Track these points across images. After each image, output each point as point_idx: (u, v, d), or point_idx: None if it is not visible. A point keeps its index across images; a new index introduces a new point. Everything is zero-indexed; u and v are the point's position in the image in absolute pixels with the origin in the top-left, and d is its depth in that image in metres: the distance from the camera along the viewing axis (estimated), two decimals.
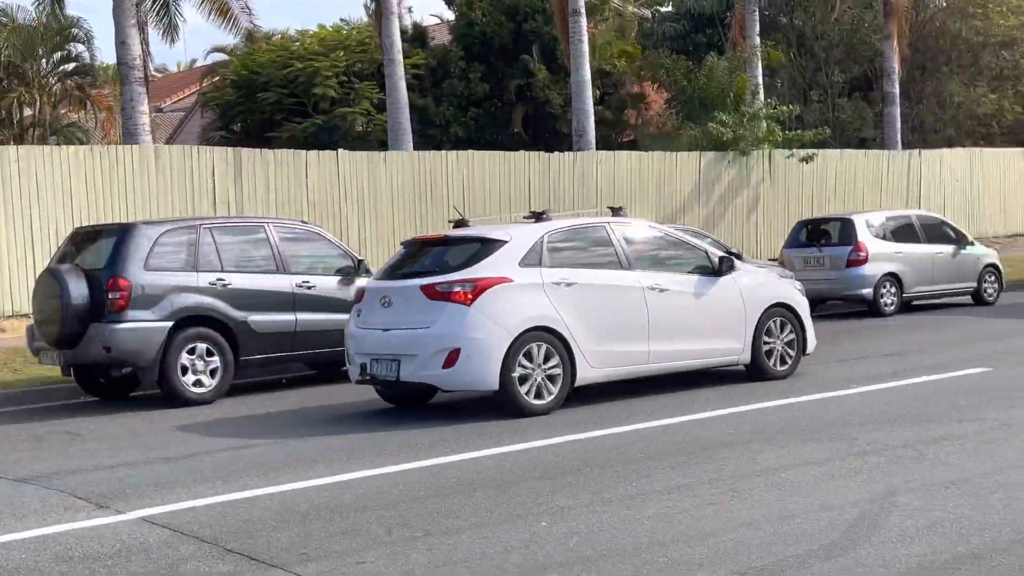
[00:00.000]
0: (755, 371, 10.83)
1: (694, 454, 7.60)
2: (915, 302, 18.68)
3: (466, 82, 28.89)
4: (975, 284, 18.58)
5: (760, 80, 25.44)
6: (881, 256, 17.63)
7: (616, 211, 10.86)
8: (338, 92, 26.27)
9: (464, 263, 9.43)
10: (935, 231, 18.81)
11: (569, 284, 9.60)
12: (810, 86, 32.07)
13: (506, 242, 9.55)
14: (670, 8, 34.15)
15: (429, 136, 27.93)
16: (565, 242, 9.86)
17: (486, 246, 9.53)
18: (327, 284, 12.14)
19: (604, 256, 10.04)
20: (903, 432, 8.06)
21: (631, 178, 21.95)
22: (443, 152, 20.60)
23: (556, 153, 21.49)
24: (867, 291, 17.42)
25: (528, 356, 9.28)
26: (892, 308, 17.59)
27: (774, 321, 10.92)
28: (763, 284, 11.04)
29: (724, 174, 23.39)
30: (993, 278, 18.82)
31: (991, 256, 19.15)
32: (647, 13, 33.34)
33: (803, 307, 11.25)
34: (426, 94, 28.56)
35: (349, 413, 10.10)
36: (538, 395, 9.35)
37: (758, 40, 25.70)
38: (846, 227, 18.10)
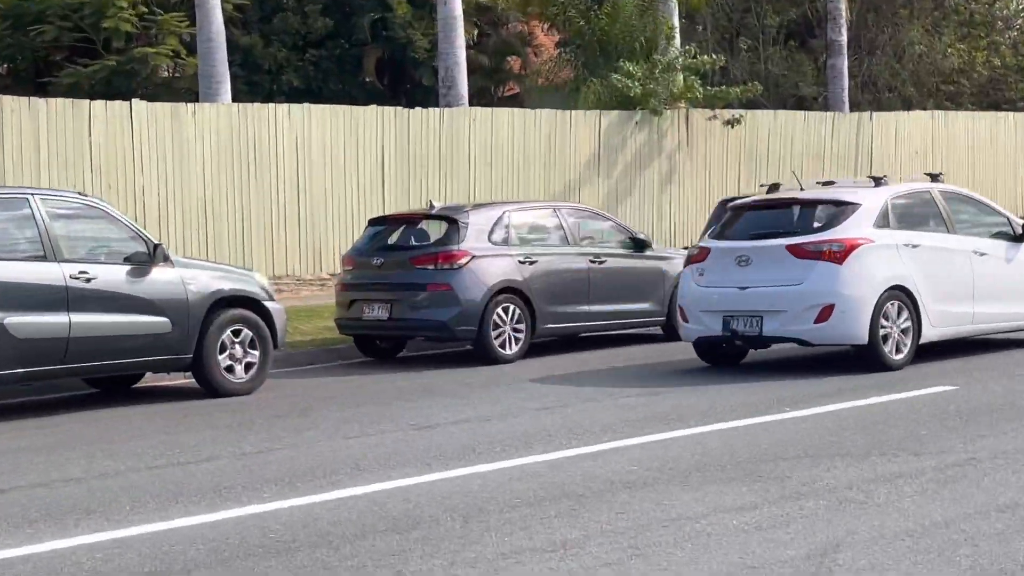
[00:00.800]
0: None
1: (586, 499, 7.53)
2: None
3: (303, 16, 28.49)
4: None
5: (676, 23, 25.66)
6: None
7: (934, 177, 13.94)
8: (136, 26, 25.59)
9: (826, 224, 12.53)
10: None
11: (914, 246, 12.72)
12: (738, 31, 32.52)
13: (860, 205, 12.60)
14: None
15: (256, 84, 27.47)
16: (905, 206, 13.05)
17: (842, 208, 12.60)
18: (112, 275, 11.75)
19: (934, 220, 13.18)
20: (848, 468, 8.12)
21: (513, 142, 21.92)
22: (271, 105, 20.26)
23: (418, 109, 21.33)
24: None
25: (885, 315, 12.36)
26: None
27: None
28: None
29: (631, 139, 23.53)
30: None
31: None
32: None
33: None
34: (251, 30, 28.07)
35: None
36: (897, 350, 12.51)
37: None
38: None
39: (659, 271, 16.05)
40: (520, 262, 14.70)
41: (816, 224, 12.63)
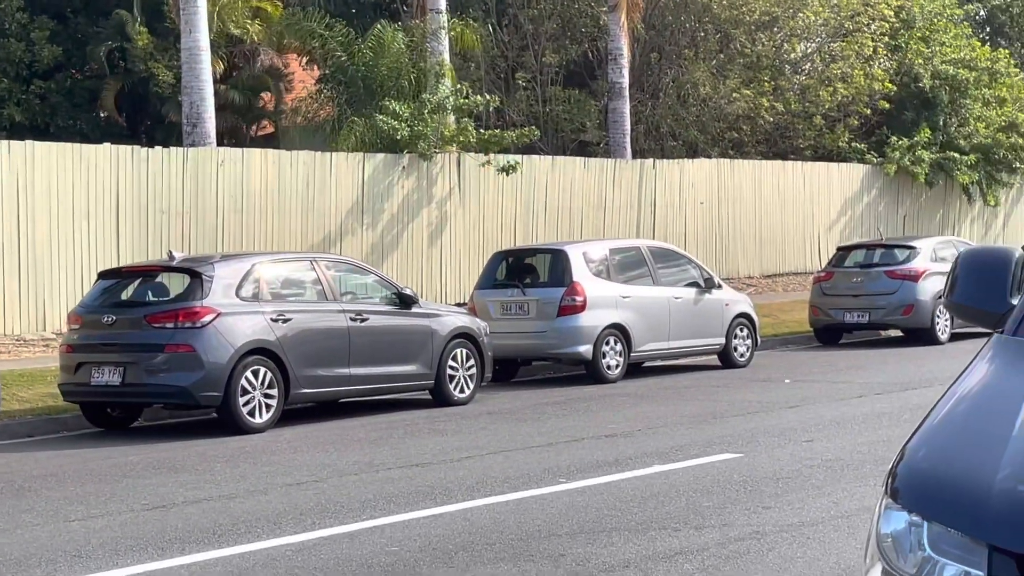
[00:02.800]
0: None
1: None
2: (647, 363, 19.44)
3: (28, 43, 27.71)
4: (723, 340, 19.54)
5: (447, 59, 25.87)
6: (603, 301, 18.22)
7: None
8: None
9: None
10: (672, 269, 19.68)
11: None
12: (514, 69, 32.96)
13: None
14: None
15: None
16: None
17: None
18: None
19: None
20: (626, 544, 8.18)
21: (267, 186, 21.66)
22: None
23: (159, 148, 20.91)
24: (585, 348, 17.93)
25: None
26: (617, 371, 18.19)
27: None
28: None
29: (398, 185, 23.54)
30: (745, 332, 19.88)
31: (743, 303, 20.26)
32: None
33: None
34: None
35: None
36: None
37: (444, 4, 26.13)
38: (558, 262, 18.60)
39: (427, 330, 16.04)
40: (272, 320, 14.47)
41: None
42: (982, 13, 54.52)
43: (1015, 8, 55.69)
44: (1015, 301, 4.21)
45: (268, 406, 14.27)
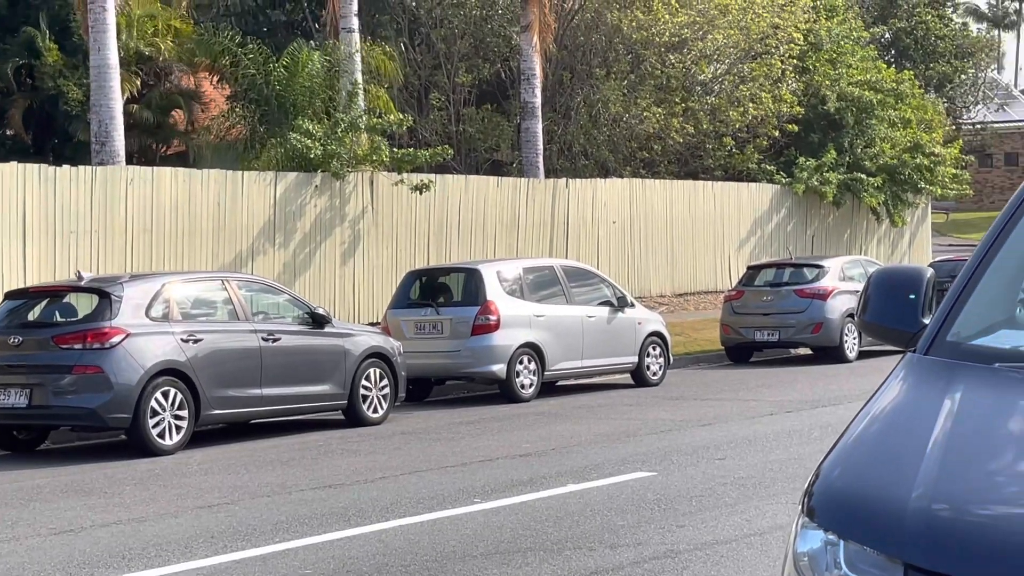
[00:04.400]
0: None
1: None
2: (560, 382, 19.45)
3: None
4: (636, 358, 19.59)
5: (360, 78, 25.77)
6: (517, 320, 18.20)
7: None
8: None
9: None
10: (586, 288, 19.72)
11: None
12: (427, 89, 32.94)
13: None
14: None
15: None
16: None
17: None
18: None
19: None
20: (542, 564, 8.15)
21: (177, 205, 21.41)
22: None
23: (67, 167, 20.58)
24: (499, 367, 17.89)
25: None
26: (531, 390, 18.18)
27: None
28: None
29: (310, 204, 23.39)
30: (658, 350, 19.96)
31: (655, 322, 20.34)
32: None
33: None
34: None
35: None
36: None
37: (356, 24, 26.04)
38: (471, 281, 18.57)
39: (340, 350, 15.92)
40: (183, 340, 14.28)
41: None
42: (887, 36, 55.43)
43: (919, 31, 56.69)
44: (927, 320, 4.23)
45: (178, 428, 14.07)
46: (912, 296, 4.30)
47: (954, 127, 53.34)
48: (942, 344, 4.10)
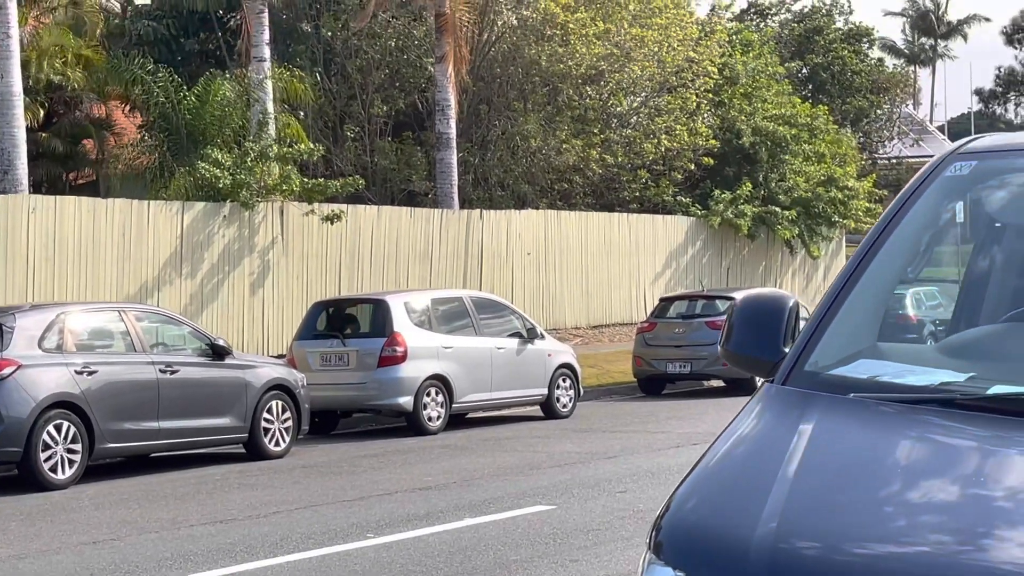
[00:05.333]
0: None
1: None
2: (469, 414, 19.28)
3: None
4: (546, 390, 19.47)
5: (271, 107, 25.54)
6: (424, 352, 18.01)
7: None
8: None
9: None
10: (496, 319, 19.58)
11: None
12: (342, 119, 32.73)
13: None
14: (149, 1, 33.67)
15: None
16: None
17: None
18: None
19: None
20: None
21: (80, 234, 21.05)
22: None
23: None
24: (406, 400, 17.70)
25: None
26: (439, 423, 17.99)
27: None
28: None
29: (218, 234, 23.09)
30: (568, 382, 19.85)
31: (565, 354, 20.22)
32: (116, 5, 32.67)
33: None
34: None
35: None
36: None
37: (268, 53, 25.83)
38: (379, 312, 18.38)
39: (241, 382, 15.66)
40: (77, 372, 13.97)
41: None
42: (804, 71, 55.95)
43: (836, 66, 57.28)
44: (788, 349, 4.11)
45: (71, 461, 13.74)
46: (774, 324, 4.17)
47: (870, 161, 53.84)
48: (799, 374, 3.97)
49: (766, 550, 3.28)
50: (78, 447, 13.81)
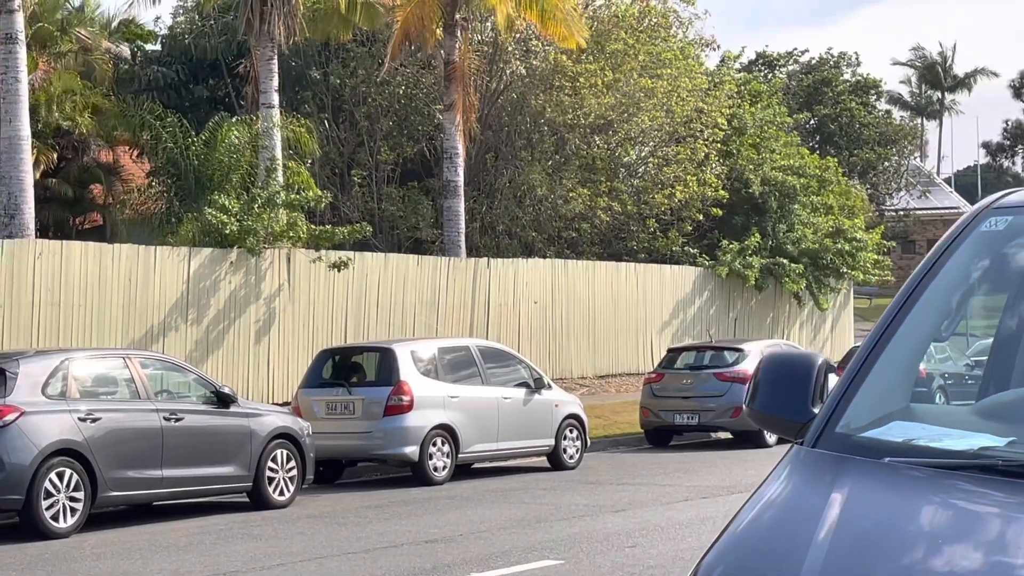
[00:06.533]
0: None
1: None
2: (475, 465, 19.06)
3: None
4: (552, 441, 19.27)
5: (279, 154, 25.48)
6: (431, 401, 17.84)
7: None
8: None
9: None
10: (502, 369, 19.40)
11: None
12: (349, 166, 32.70)
13: None
14: (159, 47, 33.72)
15: None
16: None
17: None
18: None
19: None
20: None
21: (87, 280, 20.95)
22: None
23: None
24: (411, 449, 17.50)
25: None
26: (444, 473, 17.78)
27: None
28: None
29: (224, 280, 22.98)
30: (575, 433, 19.64)
31: (572, 404, 20.03)
32: (126, 51, 32.71)
33: None
34: None
35: None
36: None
37: (276, 99, 25.80)
38: (386, 360, 18.21)
39: (246, 430, 15.48)
40: (80, 419, 13.79)
41: None
42: (813, 122, 55.98)
43: (844, 118, 57.33)
44: (817, 410, 3.96)
45: (73, 510, 13.54)
46: (802, 384, 4.02)
47: (877, 213, 53.83)
48: (830, 436, 3.82)
49: None
50: (80, 495, 13.62)
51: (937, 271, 4.12)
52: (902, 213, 64.29)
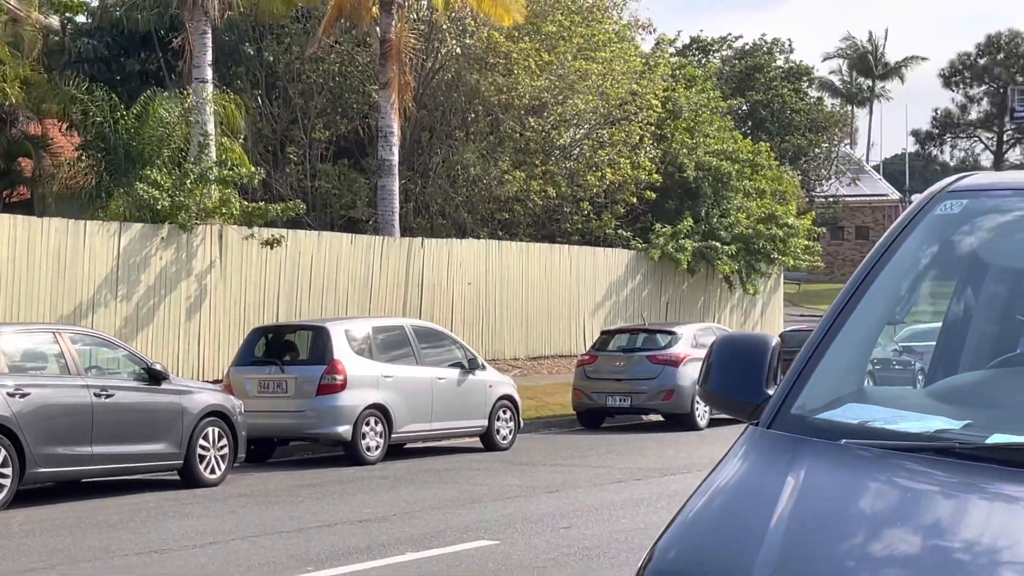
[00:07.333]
0: None
1: None
2: (408, 444, 19.01)
3: None
4: (486, 422, 19.25)
5: (211, 129, 25.22)
6: (364, 381, 17.76)
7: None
8: None
9: None
10: (436, 349, 19.35)
11: None
12: (283, 143, 32.45)
13: None
14: (89, 20, 33.23)
15: None
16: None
17: None
18: None
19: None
20: None
21: (15, 255, 20.65)
22: None
23: None
24: (344, 429, 17.42)
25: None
26: (377, 452, 17.73)
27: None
28: None
29: (155, 256, 22.73)
30: (509, 414, 19.65)
31: (506, 385, 20.02)
32: (55, 22, 32.20)
33: None
34: None
35: None
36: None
37: (210, 74, 25.53)
38: (319, 339, 18.10)
39: (177, 407, 15.33)
40: (8, 395, 13.59)
41: None
42: (745, 107, 56.27)
43: (776, 104, 57.68)
44: (771, 391, 3.94)
45: (1, 486, 13.36)
46: (756, 366, 4.00)
47: (807, 199, 54.19)
48: (786, 417, 3.80)
49: None
50: (8, 471, 13.44)
51: (892, 254, 4.12)
52: (832, 199, 64.84)
